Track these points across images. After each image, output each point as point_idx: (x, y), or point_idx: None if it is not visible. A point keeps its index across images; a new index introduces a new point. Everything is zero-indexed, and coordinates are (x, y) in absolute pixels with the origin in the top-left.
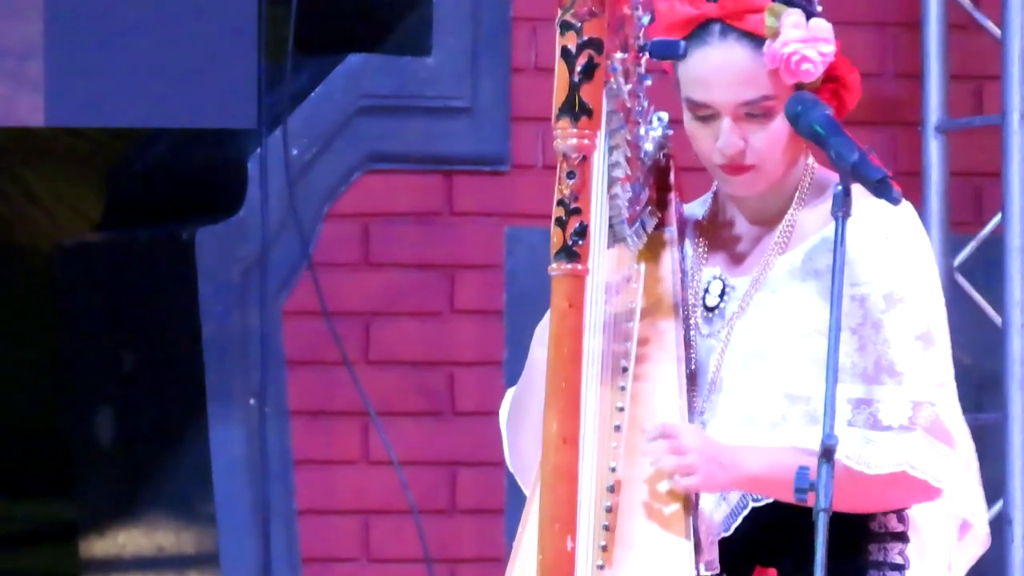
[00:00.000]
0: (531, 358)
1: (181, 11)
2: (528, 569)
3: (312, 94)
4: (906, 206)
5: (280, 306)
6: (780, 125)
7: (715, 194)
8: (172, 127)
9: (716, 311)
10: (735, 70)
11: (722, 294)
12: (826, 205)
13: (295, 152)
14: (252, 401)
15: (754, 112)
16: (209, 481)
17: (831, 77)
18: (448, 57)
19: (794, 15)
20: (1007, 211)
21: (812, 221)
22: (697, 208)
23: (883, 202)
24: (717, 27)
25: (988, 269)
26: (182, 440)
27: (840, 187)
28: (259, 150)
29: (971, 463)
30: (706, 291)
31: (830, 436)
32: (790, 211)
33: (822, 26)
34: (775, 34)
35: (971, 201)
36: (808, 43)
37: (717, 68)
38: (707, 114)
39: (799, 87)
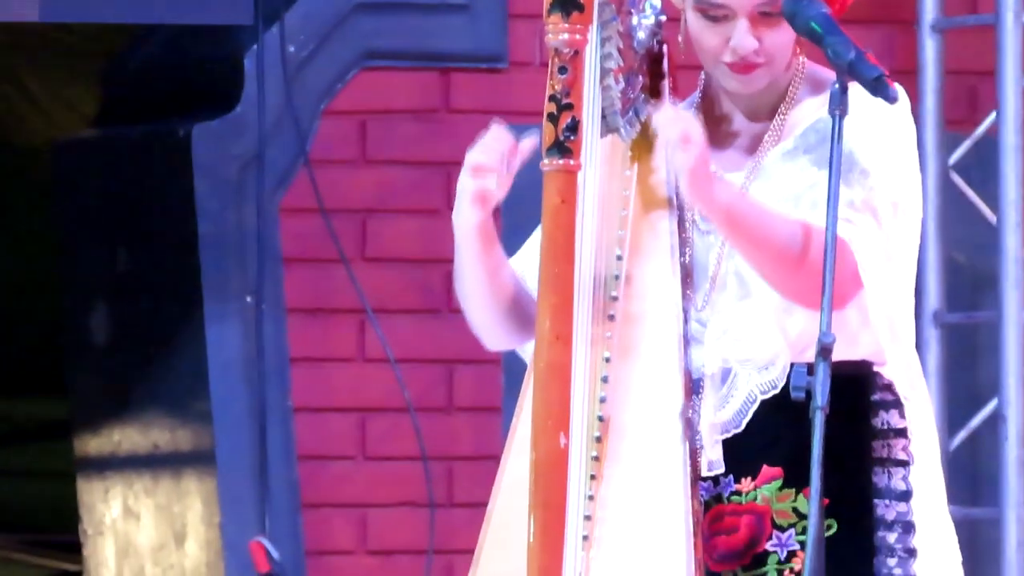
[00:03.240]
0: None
1: None
2: (522, 465)
3: None
4: (902, 100)
5: (277, 203)
6: (787, 35)
7: (703, 94)
8: (168, 23)
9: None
10: None
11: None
12: (817, 99)
13: (292, 49)
14: (248, 298)
15: (769, 11)
16: (205, 379)
17: None
18: None
19: None
20: (1002, 109)
21: (804, 113)
22: (685, 102)
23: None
24: None
25: (983, 168)
26: (178, 337)
27: (837, 85)
28: (255, 46)
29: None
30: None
31: (827, 334)
32: (783, 106)
33: None
34: None
35: (966, 100)
36: None
37: None
38: (721, 14)
39: None
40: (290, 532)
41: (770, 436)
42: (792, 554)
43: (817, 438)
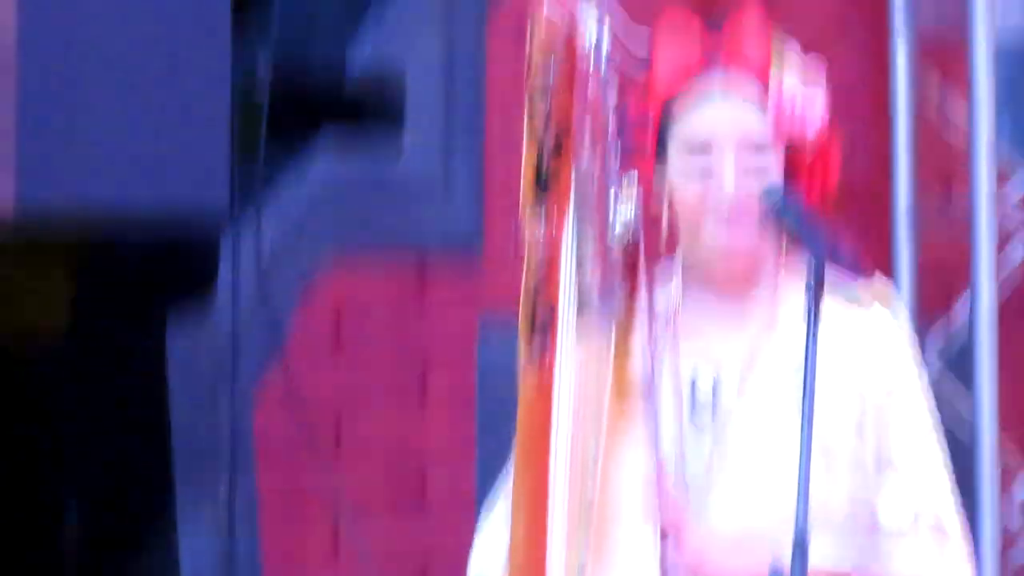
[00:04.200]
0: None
1: (155, 95)
2: None
3: (285, 176)
4: (896, 305)
5: (251, 392)
6: (775, 178)
7: (680, 280)
8: (145, 208)
9: (708, 405)
10: (741, 111)
11: (713, 387)
12: (800, 291)
13: (267, 236)
14: (221, 490)
15: (757, 157)
16: (178, 571)
17: (817, 153)
18: (421, 140)
19: (793, 57)
20: (976, 297)
21: (791, 307)
22: (661, 296)
23: (877, 304)
24: (718, 91)
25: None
26: (150, 529)
27: (812, 273)
28: (231, 233)
29: (967, 551)
30: (693, 383)
31: (803, 530)
32: (768, 295)
33: (817, 90)
34: (778, 86)
35: (938, 286)
36: (807, 92)
37: (725, 109)
38: (706, 161)
39: (788, 151)
40: None
41: None
42: None
43: None
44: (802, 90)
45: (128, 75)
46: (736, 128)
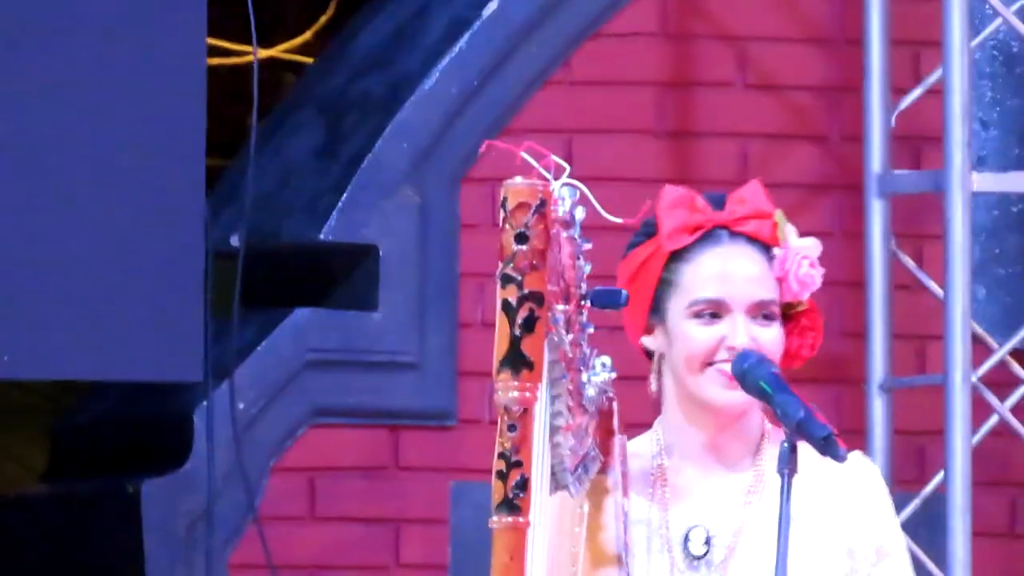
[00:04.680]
0: None
1: (128, 266)
2: None
3: (258, 348)
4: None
5: (226, 559)
6: (779, 334)
7: (660, 442)
8: (119, 379)
9: (703, 560)
10: (750, 268)
11: (707, 542)
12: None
13: (241, 406)
14: None
15: (765, 314)
16: None
17: (806, 311)
18: (394, 312)
19: (793, 229)
20: (949, 469)
21: (775, 467)
22: (644, 452)
23: (862, 458)
24: (725, 232)
25: (931, 526)
26: None
27: (786, 444)
28: (205, 403)
29: None
30: (687, 538)
31: None
32: (755, 458)
33: (814, 244)
34: (782, 242)
35: (914, 459)
36: (809, 256)
37: (733, 264)
38: (715, 312)
39: (785, 306)
40: None
41: None
42: None
43: None
44: (803, 252)
45: (101, 243)
46: (746, 287)
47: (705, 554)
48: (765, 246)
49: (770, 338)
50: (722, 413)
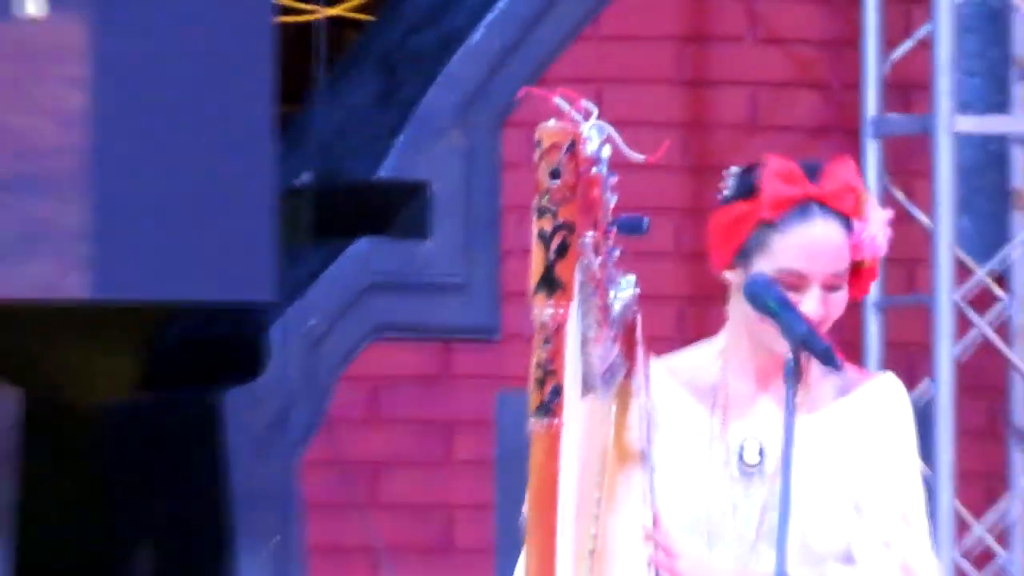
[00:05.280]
0: None
1: (210, 203)
2: None
3: (326, 273)
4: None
5: (299, 459)
6: (844, 297)
7: (722, 358)
8: (205, 301)
9: (756, 469)
10: (834, 244)
11: (760, 453)
12: (830, 379)
13: (312, 323)
14: (275, 541)
15: (837, 284)
16: None
17: (869, 266)
18: (445, 241)
19: (873, 198)
20: (936, 378)
21: (824, 389)
22: (705, 366)
23: (894, 380)
24: (816, 206)
25: (919, 429)
26: (215, 571)
27: (790, 356)
28: (280, 321)
29: None
30: (742, 449)
31: (782, 572)
32: (806, 377)
33: (886, 216)
34: (864, 215)
35: (905, 369)
36: (884, 227)
37: (820, 242)
38: (795, 282)
39: (853, 263)
40: None
41: None
42: None
43: None
44: (881, 224)
45: (189, 185)
46: (828, 262)
47: (758, 464)
48: (848, 218)
49: (838, 302)
50: (779, 353)
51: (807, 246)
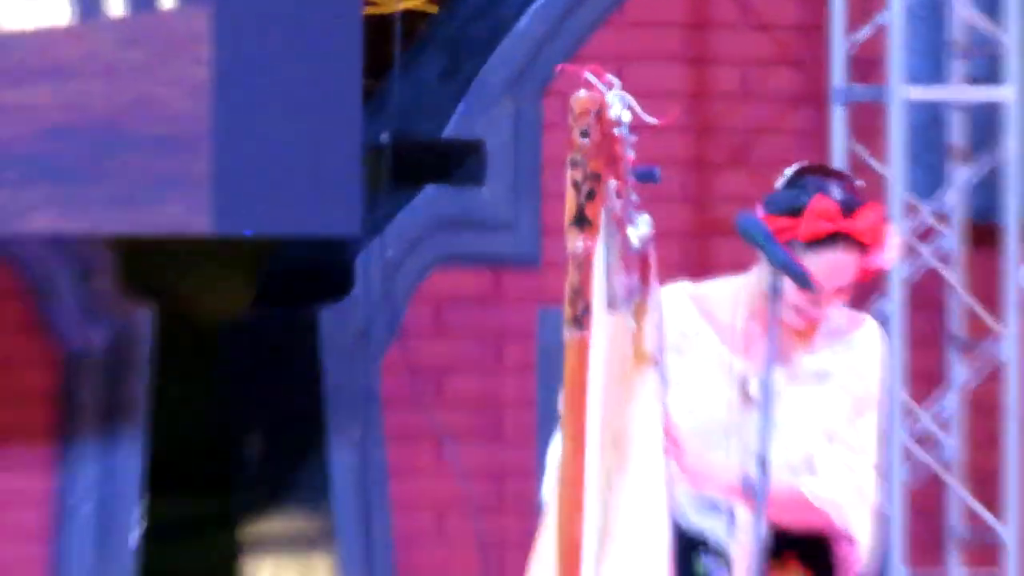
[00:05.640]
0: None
1: (309, 157)
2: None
3: (401, 213)
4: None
5: (378, 363)
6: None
7: (741, 299)
8: (304, 233)
9: (756, 398)
10: (849, 269)
11: (761, 386)
12: (828, 325)
13: (389, 253)
14: (359, 429)
15: (843, 288)
16: (328, 488)
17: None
18: (497, 188)
19: (892, 228)
20: (891, 297)
21: (822, 335)
22: (726, 303)
23: (878, 330)
24: (843, 236)
25: None
26: (309, 459)
27: (773, 278)
28: (364, 252)
29: (873, 515)
30: (746, 380)
31: (762, 453)
32: (815, 332)
33: (898, 243)
34: (883, 247)
35: (867, 289)
36: (896, 251)
37: (839, 266)
38: (810, 292)
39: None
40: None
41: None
42: None
43: (757, 525)
44: (895, 250)
45: (293, 143)
46: (840, 280)
47: (756, 394)
48: (866, 246)
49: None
50: (797, 320)
51: (824, 268)
